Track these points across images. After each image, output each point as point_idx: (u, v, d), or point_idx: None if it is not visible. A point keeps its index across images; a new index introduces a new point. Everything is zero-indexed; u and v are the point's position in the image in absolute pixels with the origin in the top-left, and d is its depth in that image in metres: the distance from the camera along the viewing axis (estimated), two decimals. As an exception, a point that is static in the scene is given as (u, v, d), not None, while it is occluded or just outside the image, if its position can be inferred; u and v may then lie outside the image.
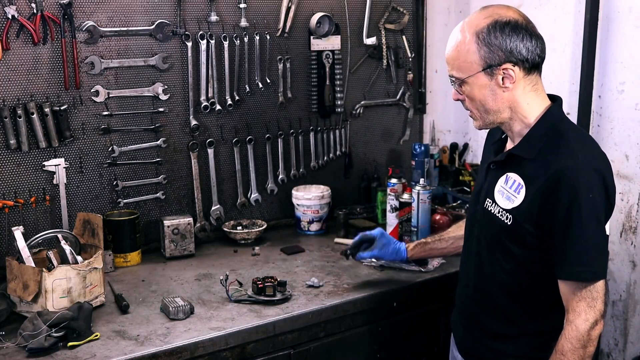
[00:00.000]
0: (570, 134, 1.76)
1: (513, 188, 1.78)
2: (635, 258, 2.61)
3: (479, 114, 1.81)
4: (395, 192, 2.84)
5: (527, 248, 1.76)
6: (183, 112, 2.76)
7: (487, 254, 1.87)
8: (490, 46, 1.71)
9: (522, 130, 1.80)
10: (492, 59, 1.72)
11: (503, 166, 1.84)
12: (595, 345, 1.69)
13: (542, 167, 1.72)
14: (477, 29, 1.72)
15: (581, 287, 1.67)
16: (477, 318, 1.93)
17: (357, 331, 2.32)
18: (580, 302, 1.67)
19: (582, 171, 1.66)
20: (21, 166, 2.45)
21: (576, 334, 1.67)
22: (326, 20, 2.99)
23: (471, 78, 1.75)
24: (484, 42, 1.71)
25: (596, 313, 1.67)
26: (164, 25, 2.64)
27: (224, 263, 2.61)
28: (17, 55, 2.37)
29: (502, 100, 1.77)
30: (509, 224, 1.77)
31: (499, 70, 1.73)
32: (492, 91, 1.75)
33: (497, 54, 1.71)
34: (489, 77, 1.74)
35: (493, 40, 1.71)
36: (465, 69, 1.75)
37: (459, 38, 1.76)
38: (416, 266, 2.47)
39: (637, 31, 2.51)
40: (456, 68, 1.78)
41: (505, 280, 1.83)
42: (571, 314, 1.69)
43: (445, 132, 3.48)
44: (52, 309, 2.02)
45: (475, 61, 1.73)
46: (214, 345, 2.00)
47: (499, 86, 1.74)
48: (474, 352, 1.96)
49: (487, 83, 1.75)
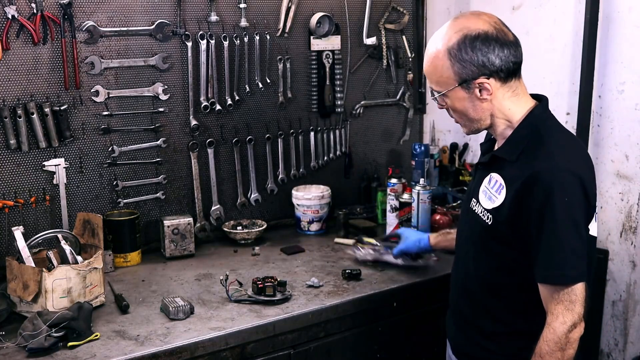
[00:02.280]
0: (551, 137, 1.76)
1: (495, 188, 1.79)
2: (635, 258, 2.61)
3: (463, 122, 1.85)
4: (395, 192, 2.84)
5: (509, 247, 1.77)
6: (183, 112, 2.76)
7: (474, 253, 1.89)
8: (462, 62, 1.72)
9: (505, 133, 1.82)
10: (466, 74, 1.73)
11: (488, 167, 1.86)
12: (575, 347, 1.68)
13: (520, 169, 1.72)
14: (449, 45, 1.73)
15: (558, 290, 1.67)
16: (468, 317, 1.94)
17: (357, 331, 2.32)
18: (558, 305, 1.67)
19: (556, 174, 1.65)
20: (21, 166, 2.45)
21: (553, 337, 1.66)
22: (326, 20, 2.99)
23: (450, 92, 1.77)
24: (455, 58, 1.72)
25: (574, 316, 1.66)
26: (164, 25, 2.65)
27: (224, 263, 2.61)
28: (17, 55, 2.37)
29: (482, 110, 1.79)
30: (489, 223, 1.79)
31: (475, 84, 1.74)
32: (472, 102, 1.77)
33: (470, 69, 1.72)
34: (465, 90, 1.75)
35: (464, 56, 1.72)
36: (443, 84, 1.78)
37: (433, 53, 1.78)
38: (412, 262, 2.49)
39: (637, 31, 2.51)
40: (434, 82, 1.81)
41: (488, 278, 1.85)
42: (549, 316, 1.69)
43: (445, 132, 3.48)
44: (52, 309, 2.02)
45: (451, 77, 1.75)
46: (214, 345, 2.00)
47: (478, 98, 1.76)
48: (466, 350, 1.97)
49: (465, 96, 1.77)
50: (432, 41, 1.80)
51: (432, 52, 1.78)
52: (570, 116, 2.74)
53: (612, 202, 2.65)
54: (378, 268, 2.50)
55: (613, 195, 2.64)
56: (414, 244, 2.42)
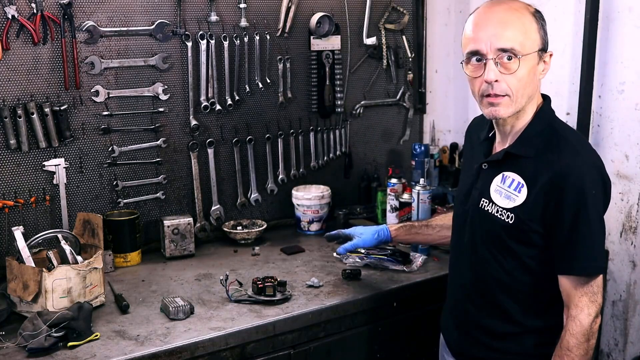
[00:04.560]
0: (567, 133, 1.78)
1: (512, 187, 1.78)
2: (635, 258, 2.61)
3: (516, 97, 1.72)
4: (395, 192, 2.84)
5: (531, 246, 1.77)
6: (183, 112, 2.76)
7: (485, 253, 1.87)
8: (544, 30, 1.73)
9: (519, 127, 1.80)
10: (545, 43, 1.74)
11: (498, 165, 1.84)
12: (596, 337, 1.73)
13: (543, 165, 1.72)
14: (531, 10, 1.73)
15: (583, 283, 1.70)
16: (475, 318, 1.92)
17: (357, 331, 2.32)
18: (583, 297, 1.70)
19: (585, 170, 1.68)
20: (21, 166, 2.45)
21: (581, 329, 1.69)
22: (326, 20, 2.99)
23: (529, 56, 1.71)
24: (540, 23, 1.73)
25: (597, 307, 1.71)
26: (164, 25, 2.64)
27: (224, 263, 2.61)
28: (17, 55, 2.37)
29: (535, 87, 1.78)
30: (510, 222, 1.77)
31: (546, 55, 1.75)
32: (535, 75, 1.75)
33: (546, 39, 1.74)
34: (537, 59, 1.74)
35: (544, 25, 1.74)
36: (528, 46, 1.70)
37: (515, 12, 1.71)
38: (400, 265, 2.47)
39: (637, 31, 2.51)
40: (518, 42, 1.68)
41: (504, 278, 1.83)
42: (573, 309, 1.71)
43: (445, 132, 3.47)
44: (52, 309, 2.02)
45: (536, 40, 1.72)
46: (214, 345, 2.00)
47: (538, 71, 1.75)
48: (471, 353, 1.95)
49: (534, 65, 1.74)
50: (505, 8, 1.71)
51: (514, 14, 1.70)
52: (570, 116, 2.74)
53: (612, 202, 2.61)
54: (378, 268, 2.50)
55: (613, 195, 2.60)
56: (372, 237, 2.31)
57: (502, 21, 1.70)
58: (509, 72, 1.70)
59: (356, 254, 2.53)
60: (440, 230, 2.28)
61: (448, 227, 2.16)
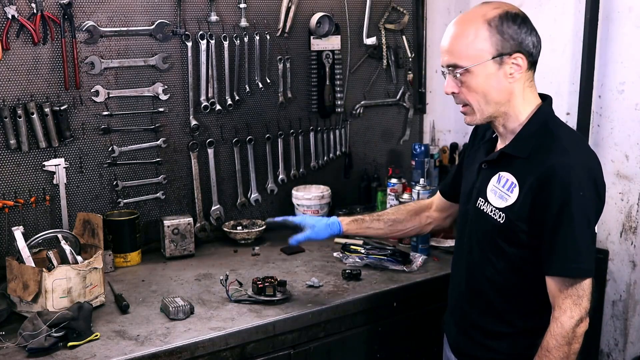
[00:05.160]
0: (561, 133, 1.77)
1: (506, 187, 1.78)
2: (635, 258, 2.61)
3: (478, 106, 1.78)
4: (395, 192, 2.84)
5: (520, 247, 1.77)
6: (183, 112, 2.76)
7: (479, 252, 1.88)
8: (502, 34, 1.71)
9: (514, 128, 1.80)
10: (504, 47, 1.72)
11: (495, 165, 1.84)
12: (580, 342, 1.70)
13: (534, 165, 1.72)
14: (488, 17, 1.72)
15: (568, 284, 1.68)
16: (471, 317, 1.93)
17: (357, 331, 2.32)
18: (567, 300, 1.69)
19: (573, 169, 1.67)
20: (21, 166, 2.45)
21: (561, 331, 1.68)
22: (326, 20, 2.99)
23: (478, 66, 1.73)
24: (496, 29, 1.71)
25: (581, 311, 1.68)
26: (164, 25, 2.65)
27: (224, 263, 2.61)
28: (17, 55, 2.37)
29: (504, 92, 1.76)
30: (501, 222, 1.78)
31: (509, 60, 1.72)
32: (498, 81, 1.74)
33: (509, 43, 1.72)
34: (497, 65, 1.73)
35: (506, 29, 1.71)
36: (473, 57, 1.72)
37: (462, 27, 1.74)
38: (400, 265, 2.47)
39: (637, 31, 2.51)
40: (461, 57, 1.74)
41: (496, 279, 1.84)
42: (557, 310, 1.70)
43: (445, 132, 3.47)
44: (52, 309, 2.02)
45: (485, 49, 1.72)
46: (214, 345, 2.00)
47: (505, 76, 1.74)
48: (468, 351, 1.96)
49: (494, 72, 1.73)
50: (459, 20, 1.77)
51: (462, 26, 1.74)
52: (570, 116, 2.74)
53: (612, 202, 2.64)
54: (378, 268, 2.50)
55: (613, 195, 2.64)
56: (325, 230, 2.21)
57: (449, 36, 1.78)
58: (461, 84, 1.77)
59: (356, 254, 2.53)
60: (392, 224, 2.25)
61: (400, 221, 2.23)
